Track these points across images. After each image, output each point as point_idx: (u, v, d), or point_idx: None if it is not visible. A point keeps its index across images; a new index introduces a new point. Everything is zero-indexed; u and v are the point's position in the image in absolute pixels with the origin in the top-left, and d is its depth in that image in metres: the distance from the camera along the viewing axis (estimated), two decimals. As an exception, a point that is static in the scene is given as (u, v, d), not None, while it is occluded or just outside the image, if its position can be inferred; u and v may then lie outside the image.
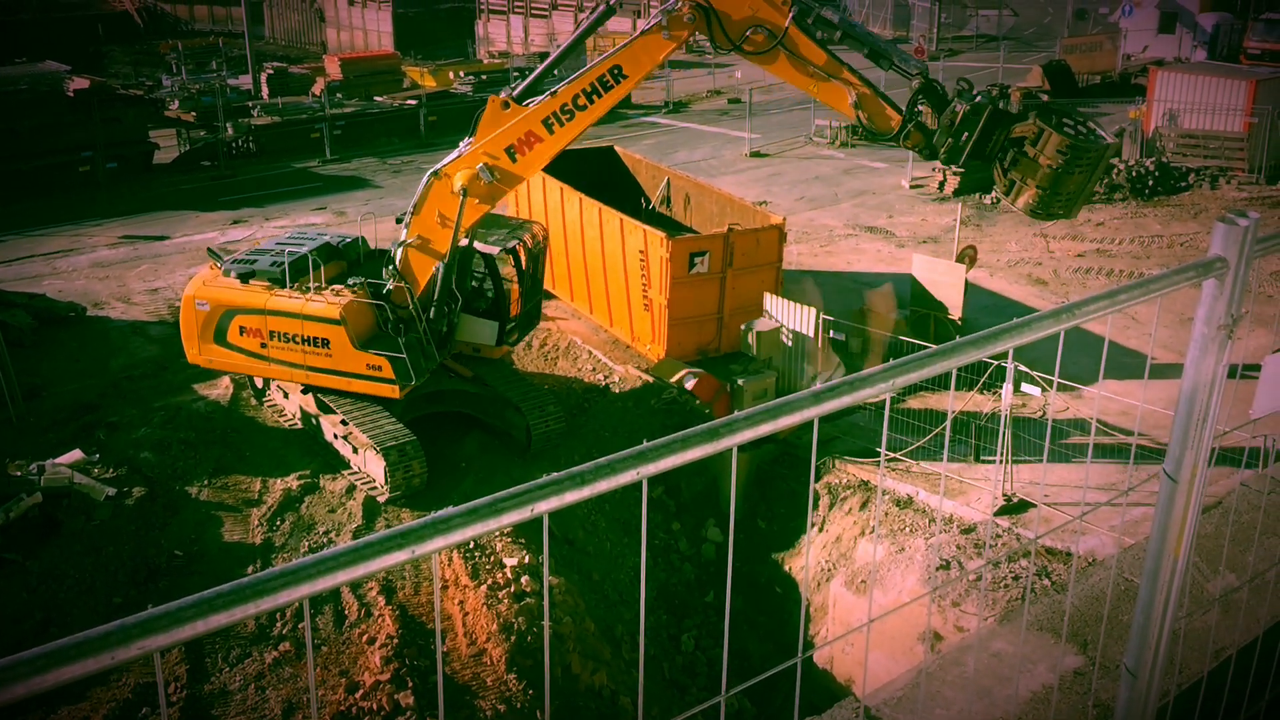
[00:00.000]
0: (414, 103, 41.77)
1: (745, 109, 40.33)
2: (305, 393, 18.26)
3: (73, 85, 34.83)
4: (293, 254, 17.71)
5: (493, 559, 15.15)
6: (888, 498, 16.41)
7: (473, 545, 15.16)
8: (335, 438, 17.90)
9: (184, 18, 71.99)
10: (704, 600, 17.24)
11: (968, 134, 15.21)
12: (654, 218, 24.10)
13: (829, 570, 16.26)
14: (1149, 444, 14.24)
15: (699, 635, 16.64)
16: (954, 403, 16.92)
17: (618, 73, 16.17)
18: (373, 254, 19.19)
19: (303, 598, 1.77)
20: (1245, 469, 5.53)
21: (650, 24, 15.97)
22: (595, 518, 16.95)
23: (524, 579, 14.83)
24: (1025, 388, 16.84)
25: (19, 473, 16.52)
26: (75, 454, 17.34)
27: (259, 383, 19.49)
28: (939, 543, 15.28)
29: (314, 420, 18.41)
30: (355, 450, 17.45)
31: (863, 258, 26.83)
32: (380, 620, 14.17)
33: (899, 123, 15.55)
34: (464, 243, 17.33)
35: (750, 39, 15.38)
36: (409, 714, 12.93)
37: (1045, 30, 64.78)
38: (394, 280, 17.23)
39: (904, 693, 3.98)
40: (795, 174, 35.09)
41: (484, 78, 45.25)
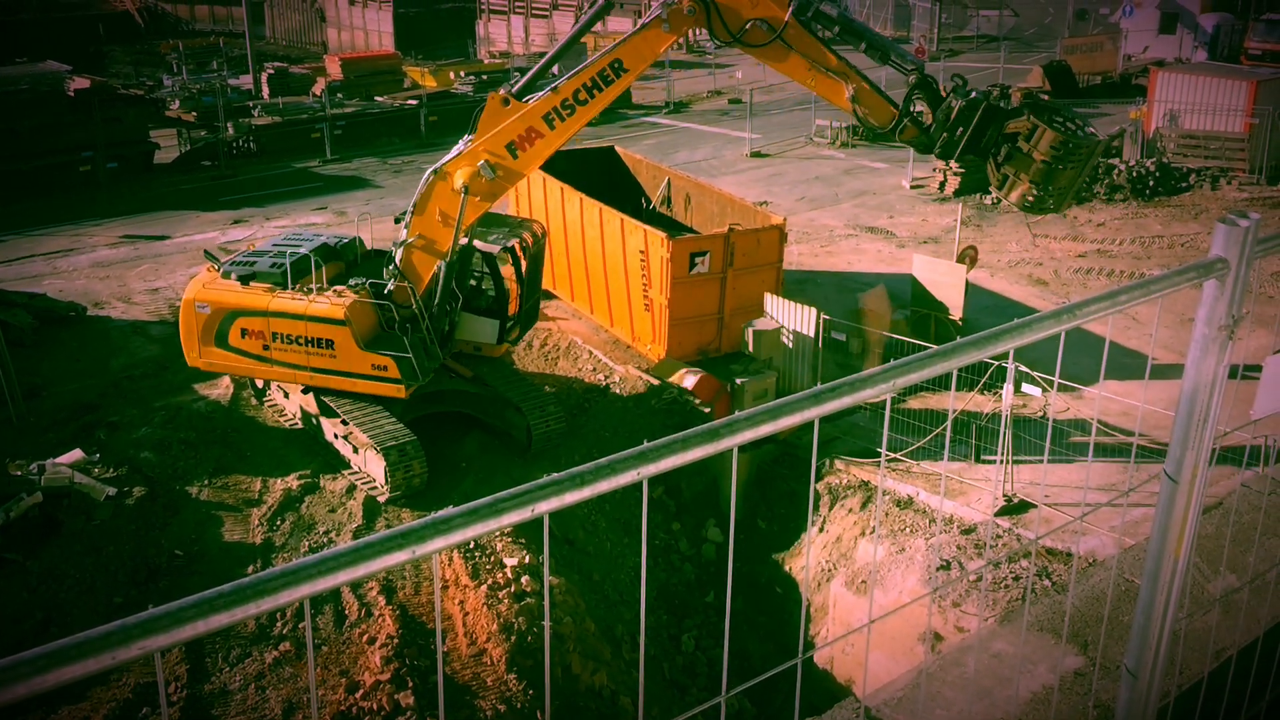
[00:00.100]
0: (414, 103, 41.77)
1: (746, 109, 40.33)
2: (306, 392, 18.24)
3: (73, 85, 34.84)
4: (292, 255, 17.67)
5: (493, 559, 15.15)
6: (888, 498, 16.41)
7: (473, 545, 15.17)
8: (335, 437, 17.89)
9: (185, 18, 72.03)
10: (704, 600, 17.24)
11: (963, 129, 15.53)
12: (655, 218, 24.09)
13: (829, 570, 16.26)
14: (1149, 444, 14.24)
15: (699, 635, 16.63)
16: (955, 403, 16.92)
17: (618, 67, 16.17)
18: (369, 254, 19.16)
19: (303, 598, 1.77)
20: (1246, 470, 5.53)
21: (650, 17, 15.99)
22: (595, 518, 16.95)
23: (524, 579, 14.83)
24: (1026, 388, 16.85)
25: (19, 472, 16.52)
26: (76, 454, 17.34)
27: (259, 383, 19.46)
28: (939, 543, 15.28)
29: (314, 420, 18.40)
30: (355, 450, 17.44)
31: (863, 258, 26.82)
32: (381, 620, 14.17)
33: (895, 117, 15.77)
34: (464, 241, 17.32)
35: (750, 32, 15.47)
36: (409, 714, 12.93)
37: (1046, 31, 64.76)
38: (396, 280, 17.21)
39: (904, 693, 3.98)
40: (796, 174, 35.09)
41: (484, 78, 45.21)
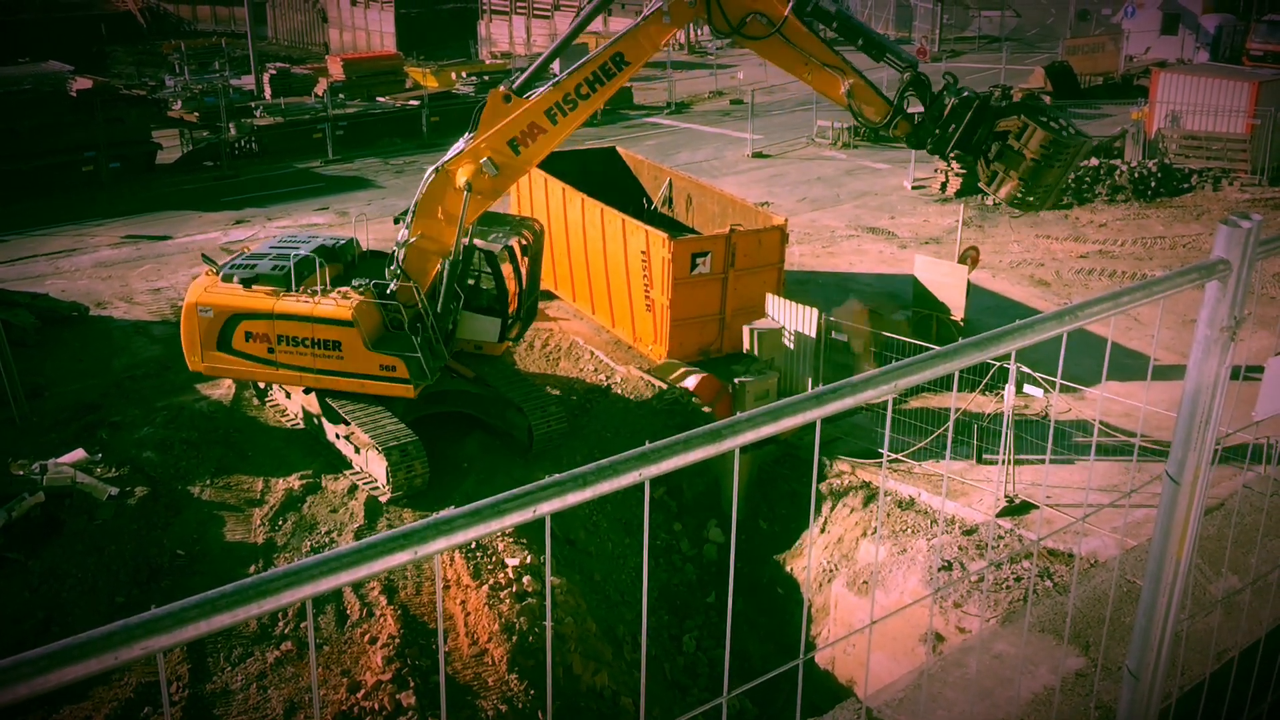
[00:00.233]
0: (416, 103, 41.78)
1: (747, 110, 40.32)
2: (308, 393, 18.23)
3: (76, 85, 34.87)
4: (293, 257, 17.62)
5: (494, 559, 15.16)
6: (890, 499, 16.40)
7: (474, 545, 15.17)
8: (337, 438, 17.88)
9: (187, 18, 72.08)
10: (705, 601, 17.23)
11: (955, 126, 15.91)
12: (656, 218, 24.09)
13: (831, 571, 16.26)
14: (1151, 446, 14.23)
15: (700, 636, 16.63)
16: (956, 404, 16.91)
17: (620, 60, 16.21)
18: (365, 255, 19.12)
19: (305, 598, 1.77)
20: (1248, 471, 5.52)
21: (651, 9, 16.07)
22: (597, 518, 16.95)
23: (526, 579, 14.83)
24: (1028, 389, 16.85)
25: (21, 472, 16.53)
26: (78, 453, 17.35)
27: (261, 383, 19.46)
28: (941, 544, 15.28)
29: (316, 420, 18.40)
30: (357, 450, 17.44)
31: (865, 259, 26.81)
32: (382, 620, 14.18)
33: (889, 113, 16.06)
34: (465, 240, 17.31)
35: (749, 25, 15.68)
36: (410, 714, 12.93)
37: (1048, 31, 64.72)
38: (399, 280, 17.19)
39: (905, 694, 3.98)
40: (797, 175, 35.08)
41: (486, 78, 45.18)
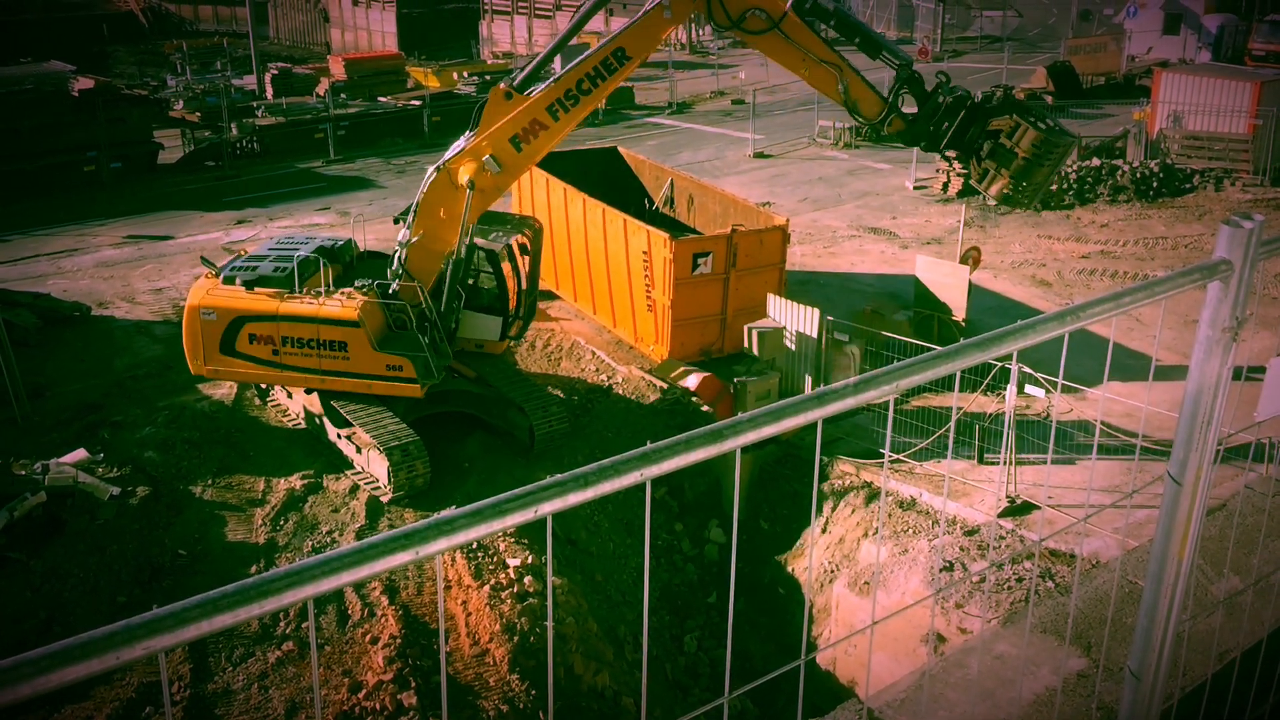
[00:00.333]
0: (418, 103, 41.80)
1: (749, 110, 40.31)
2: (310, 393, 18.22)
3: (78, 85, 34.90)
4: (289, 258, 17.55)
5: (496, 559, 15.15)
6: (891, 499, 16.39)
7: (476, 546, 15.17)
8: (339, 437, 17.88)
9: (189, 18, 72.14)
10: (707, 601, 17.22)
11: (948, 123, 16.44)
12: (657, 219, 24.08)
13: (832, 572, 16.24)
14: (1153, 446, 14.22)
15: (702, 636, 16.63)
16: (958, 404, 16.91)
17: (621, 55, 16.29)
18: (363, 256, 19.09)
19: (307, 598, 1.77)
20: (1250, 471, 5.52)
21: (652, 4, 16.16)
22: (598, 518, 16.94)
23: (527, 579, 14.83)
24: (1029, 389, 16.84)
25: (23, 472, 16.54)
26: (79, 453, 17.36)
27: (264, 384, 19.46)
28: (942, 544, 15.27)
29: (317, 420, 18.40)
30: (359, 450, 17.44)
31: (866, 259, 26.80)
32: (384, 620, 14.18)
33: (883, 110, 16.43)
34: (467, 239, 17.31)
35: (749, 20, 15.92)
36: (412, 714, 12.93)
37: (1049, 31, 64.68)
38: (402, 279, 17.19)
39: (907, 695, 3.98)
40: (799, 175, 35.07)
41: (488, 78, 45.18)
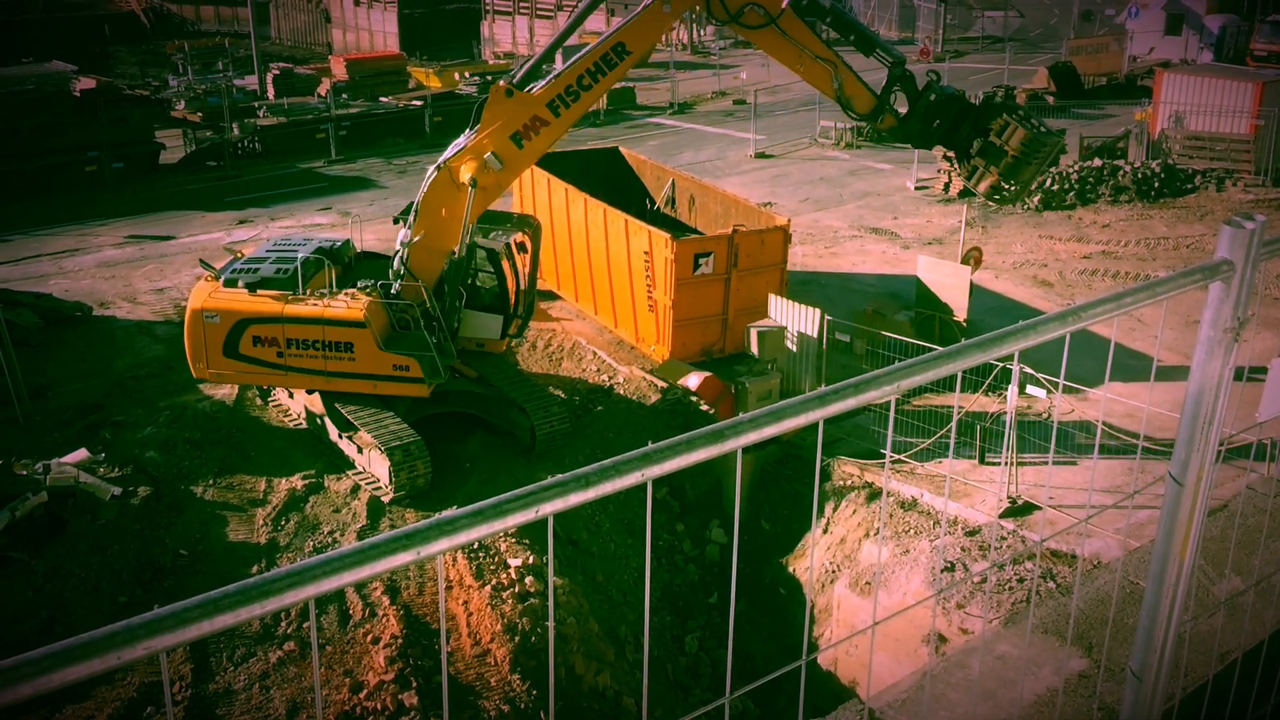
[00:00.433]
0: (419, 103, 41.80)
1: (750, 110, 40.31)
2: (311, 392, 18.21)
3: (79, 85, 34.92)
4: (290, 260, 17.54)
5: (497, 559, 15.15)
6: (892, 499, 16.38)
7: (477, 546, 15.17)
8: (340, 438, 17.88)
9: (190, 18, 72.16)
10: (708, 601, 17.22)
11: (939, 121, 16.92)
12: (659, 219, 24.08)
13: (833, 572, 16.23)
14: (1154, 447, 14.21)
15: (703, 636, 16.62)
16: (959, 404, 16.90)
17: (621, 50, 16.40)
18: (359, 256, 19.07)
19: (308, 598, 1.77)
20: (1251, 472, 5.52)
21: None
22: (599, 518, 16.94)
23: (528, 579, 14.83)
24: (1031, 390, 16.83)
25: (25, 472, 16.55)
26: (81, 453, 17.37)
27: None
28: (944, 545, 15.26)
29: (319, 420, 18.40)
30: (360, 450, 17.44)
31: (868, 259, 26.80)
32: (385, 620, 14.18)
33: (875, 106, 16.83)
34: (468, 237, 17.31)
35: (747, 15, 16.22)
36: (413, 714, 12.94)
37: (1051, 32, 64.62)
38: (405, 279, 17.18)
39: (908, 695, 3.98)
40: (800, 175, 35.06)
41: (489, 79, 45.11)
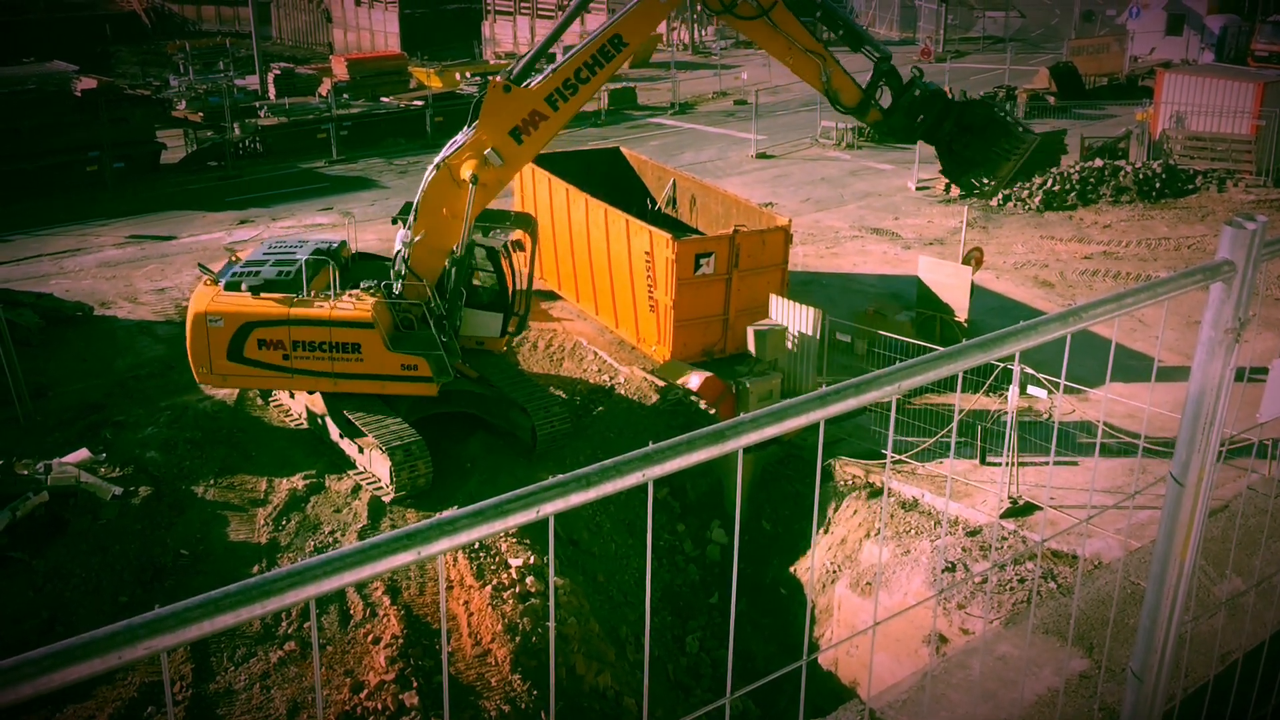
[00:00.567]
0: (420, 103, 41.79)
1: (751, 110, 40.31)
2: (312, 393, 18.20)
3: (80, 85, 34.91)
4: (288, 262, 17.51)
5: (498, 560, 15.15)
6: (893, 500, 16.38)
7: (478, 546, 15.17)
8: (341, 438, 17.88)
9: (191, 18, 72.12)
10: (709, 602, 17.22)
11: (923, 116, 17.40)
12: (660, 219, 24.09)
13: (834, 572, 16.23)
14: (1155, 447, 14.20)
15: (704, 637, 16.62)
16: (960, 405, 16.89)
17: (618, 41, 16.52)
18: (355, 257, 19.05)
19: (309, 598, 1.77)
20: (1252, 473, 5.51)
21: None
22: (600, 519, 16.94)
23: (529, 580, 14.83)
24: (1031, 390, 16.82)
25: (26, 472, 16.55)
26: (82, 453, 17.37)
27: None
28: (944, 545, 15.26)
29: (320, 420, 18.39)
30: (361, 450, 17.44)
31: (869, 259, 26.79)
32: (385, 620, 14.18)
33: (861, 99, 17.27)
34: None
35: (740, 5, 16.49)
36: (414, 714, 12.94)
37: (1052, 32, 64.60)
38: (407, 278, 17.17)
39: (909, 695, 3.98)
40: (801, 175, 35.06)
41: (490, 78, 45.24)
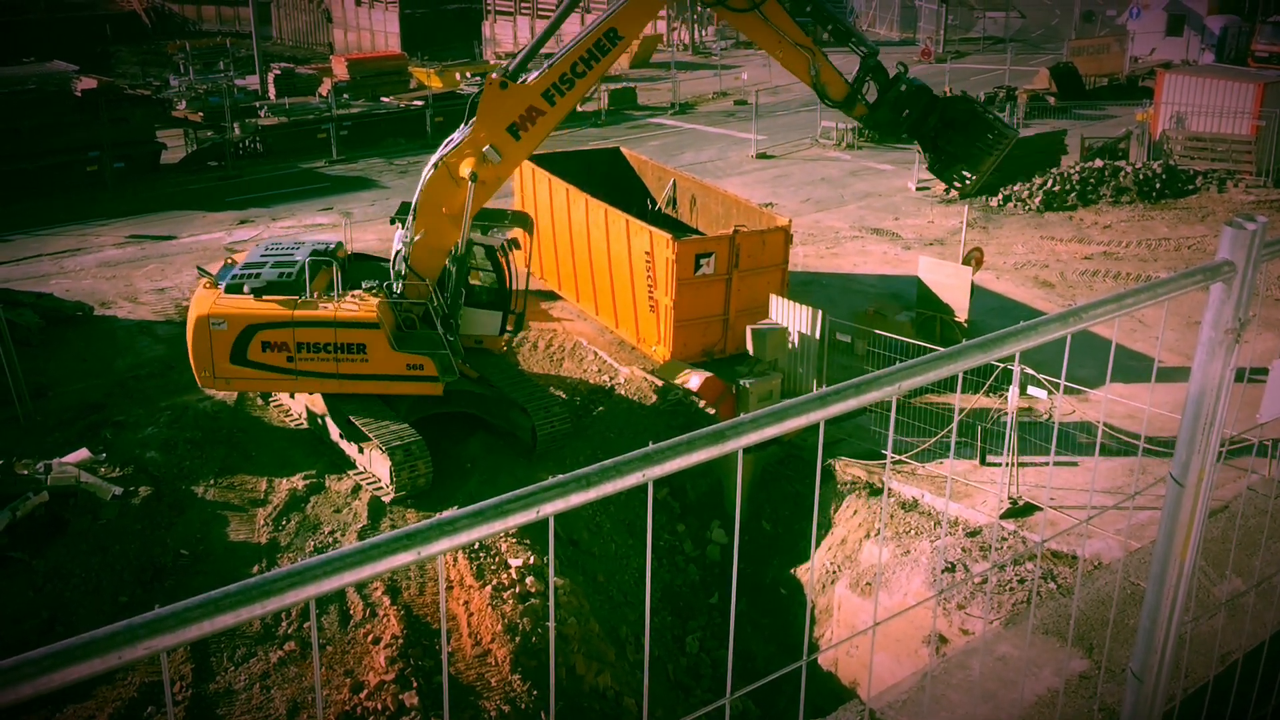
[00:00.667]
0: (420, 103, 41.78)
1: (751, 110, 40.31)
2: (312, 392, 18.19)
3: (80, 85, 34.91)
4: (287, 264, 17.49)
5: (498, 560, 15.15)
6: (893, 500, 16.38)
7: (478, 546, 15.17)
8: (341, 438, 17.88)
9: (191, 18, 72.12)
10: (709, 602, 17.22)
11: (909, 111, 17.56)
12: (660, 219, 24.08)
13: (834, 572, 16.23)
14: (1155, 448, 14.20)
15: (704, 637, 16.62)
16: (960, 405, 16.90)
17: (613, 35, 16.57)
18: (351, 258, 19.02)
19: (309, 598, 1.77)
20: (1252, 473, 5.51)
21: None
22: (600, 519, 16.94)
23: (529, 580, 14.83)
24: (1032, 390, 16.83)
25: (26, 472, 16.55)
26: (82, 453, 17.37)
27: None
28: (944, 545, 15.26)
29: (320, 420, 18.39)
30: (361, 450, 17.44)
31: (869, 260, 26.79)
32: (385, 620, 14.18)
33: (848, 94, 17.41)
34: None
35: None
36: (413, 714, 12.94)
37: (1052, 32, 64.60)
38: (408, 278, 17.17)
39: (909, 696, 3.98)
40: (801, 175, 35.06)
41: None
